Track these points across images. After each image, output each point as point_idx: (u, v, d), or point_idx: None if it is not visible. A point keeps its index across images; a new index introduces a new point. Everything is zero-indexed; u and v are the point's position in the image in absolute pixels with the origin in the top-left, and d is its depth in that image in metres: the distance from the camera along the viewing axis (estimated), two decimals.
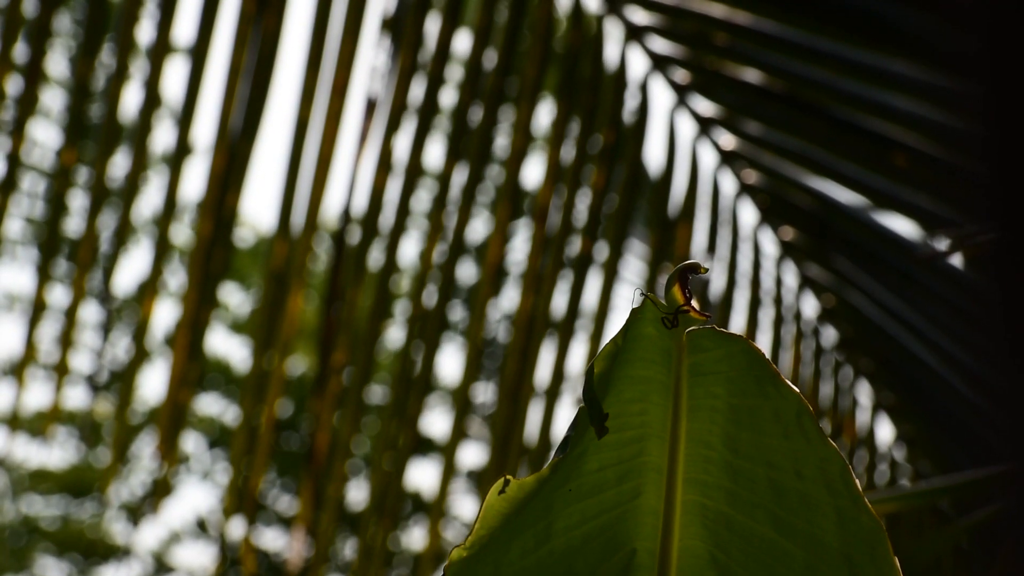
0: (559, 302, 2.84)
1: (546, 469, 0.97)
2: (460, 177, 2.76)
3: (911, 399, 3.00)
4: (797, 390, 0.96)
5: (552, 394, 2.83)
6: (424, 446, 11.30)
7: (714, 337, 0.98)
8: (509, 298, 9.96)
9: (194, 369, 2.50)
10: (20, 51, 2.45)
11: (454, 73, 3.15)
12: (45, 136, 10.38)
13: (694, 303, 0.98)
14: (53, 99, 10.70)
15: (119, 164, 2.55)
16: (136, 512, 12.10)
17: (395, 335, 9.95)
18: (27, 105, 2.45)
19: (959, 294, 2.67)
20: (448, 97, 2.82)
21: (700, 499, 1.00)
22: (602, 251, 2.87)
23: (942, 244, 2.76)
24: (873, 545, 0.94)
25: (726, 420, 0.98)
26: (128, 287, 10.59)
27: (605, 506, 1.00)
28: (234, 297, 12.60)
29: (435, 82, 2.68)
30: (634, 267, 3.07)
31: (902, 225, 2.78)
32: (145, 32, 2.49)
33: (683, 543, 1.00)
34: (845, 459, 0.95)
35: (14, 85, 2.45)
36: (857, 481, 0.95)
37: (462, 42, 2.90)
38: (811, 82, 2.68)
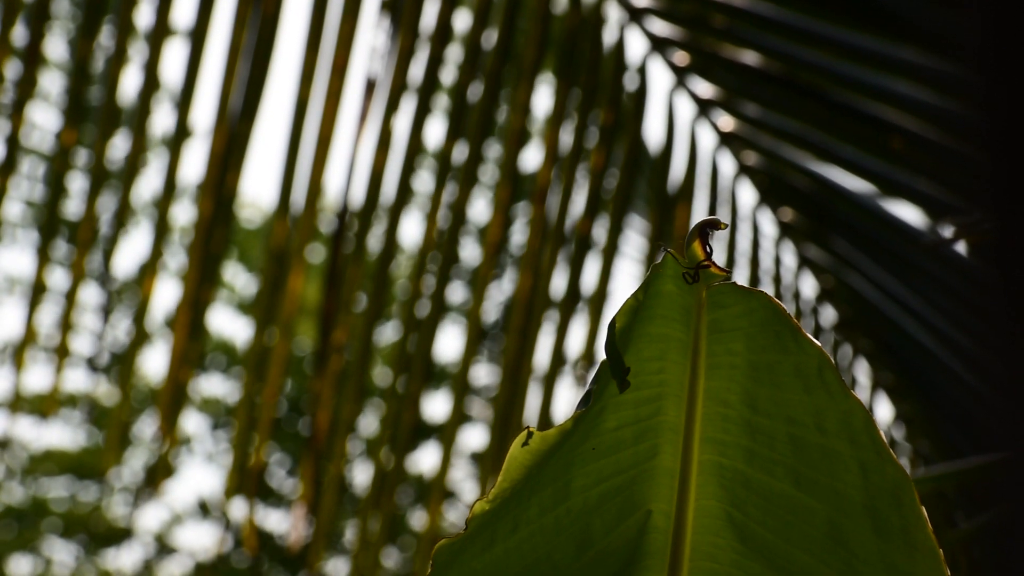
0: (559, 282, 2.85)
1: (568, 422, 0.95)
2: (460, 157, 2.76)
3: (910, 380, 3.00)
4: (819, 344, 0.94)
5: (552, 375, 2.84)
6: (425, 431, 11.30)
7: (734, 293, 0.96)
8: (509, 278, 9.96)
9: (195, 348, 2.51)
10: (18, 34, 2.45)
11: (453, 53, 3.15)
12: (43, 119, 10.37)
13: (715, 259, 0.96)
14: (51, 82, 10.68)
15: (119, 145, 2.56)
16: (139, 493, 12.12)
17: (396, 315, 9.95)
18: (26, 87, 2.45)
19: (959, 278, 2.68)
20: (448, 77, 2.82)
21: (717, 458, 0.98)
22: (602, 231, 2.88)
23: (946, 231, 2.77)
24: (899, 496, 0.93)
25: (745, 377, 0.97)
26: (128, 268, 10.59)
27: (622, 466, 0.99)
28: (239, 278, 12.57)
29: (434, 62, 2.69)
30: (634, 246, 3.08)
31: (901, 208, 2.78)
32: (145, 13, 2.49)
33: (699, 503, 0.99)
34: (868, 411, 0.93)
35: (13, 68, 2.45)
36: (882, 433, 0.93)
37: (461, 22, 2.90)
38: (809, 65, 2.68)
